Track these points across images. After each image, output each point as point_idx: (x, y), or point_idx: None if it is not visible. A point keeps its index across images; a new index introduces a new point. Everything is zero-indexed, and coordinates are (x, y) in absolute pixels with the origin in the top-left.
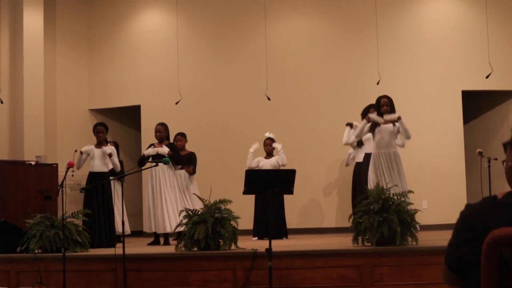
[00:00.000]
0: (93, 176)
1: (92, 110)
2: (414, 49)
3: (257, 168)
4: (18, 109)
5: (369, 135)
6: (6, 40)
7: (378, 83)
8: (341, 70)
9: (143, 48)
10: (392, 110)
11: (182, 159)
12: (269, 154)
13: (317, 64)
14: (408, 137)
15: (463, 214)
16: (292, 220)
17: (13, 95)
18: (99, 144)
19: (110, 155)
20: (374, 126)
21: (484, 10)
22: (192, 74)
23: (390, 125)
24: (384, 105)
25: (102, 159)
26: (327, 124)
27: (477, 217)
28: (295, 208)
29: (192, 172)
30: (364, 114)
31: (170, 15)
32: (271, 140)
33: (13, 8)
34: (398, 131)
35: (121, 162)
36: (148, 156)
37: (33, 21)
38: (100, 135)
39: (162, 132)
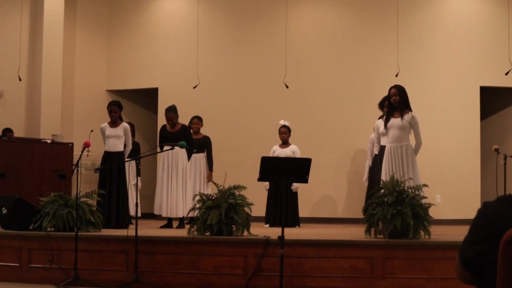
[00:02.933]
0: (108, 156)
1: (109, 91)
2: (434, 44)
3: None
4: (36, 87)
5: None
6: (27, 18)
7: (397, 76)
8: (360, 61)
9: (163, 31)
10: (402, 100)
11: (194, 147)
12: (285, 142)
13: (336, 54)
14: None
15: (480, 212)
16: (304, 209)
17: (32, 73)
18: (113, 123)
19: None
20: (386, 121)
21: (506, 7)
22: (211, 59)
23: (398, 119)
24: (393, 95)
25: (116, 139)
26: (343, 114)
27: (494, 215)
28: (308, 198)
29: (209, 165)
30: (381, 105)
31: None
32: (286, 128)
33: None
34: (410, 127)
35: (137, 143)
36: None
37: (53, 0)
38: (113, 114)
39: (174, 119)
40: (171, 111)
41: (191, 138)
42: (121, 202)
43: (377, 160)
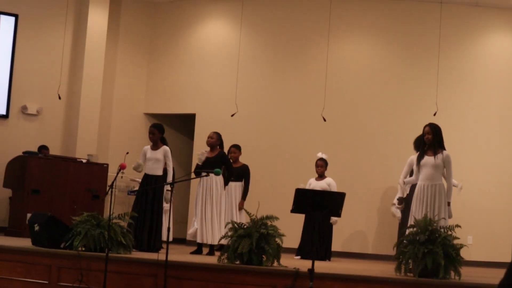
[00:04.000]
0: (146, 179)
1: (147, 114)
2: (474, 84)
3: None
4: (75, 106)
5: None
6: (69, 37)
7: (435, 115)
8: (399, 98)
9: (204, 58)
10: (435, 138)
11: (232, 173)
12: (321, 175)
13: (375, 89)
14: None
15: None
16: (335, 243)
17: (71, 92)
18: (154, 146)
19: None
20: (419, 159)
21: None
22: (251, 88)
23: (432, 158)
24: (426, 134)
25: (155, 162)
26: (378, 150)
27: None
28: (339, 232)
29: (244, 194)
30: (416, 143)
31: (234, 27)
32: (323, 161)
33: (79, 6)
34: (443, 166)
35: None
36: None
37: (97, 20)
38: (150, 136)
39: (214, 138)
40: (152, 127)
41: (230, 164)
42: (155, 225)
43: (409, 199)
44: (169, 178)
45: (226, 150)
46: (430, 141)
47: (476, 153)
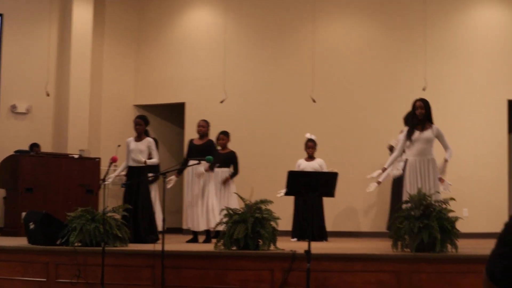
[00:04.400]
0: (132, 171)
1: (137, 106)
2: (461, 57)
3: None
4: (64, 102)
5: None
6: (55, 33)
7: (424, 90)
8: (387, 76)
9: (191, 46)
10: (427, 113)
11: (219, 161)
12: (311, 156)
13: (363, 68)
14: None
15: (507, 225)
16: (330, 223)
17: (59, 88)
18: (138, 138)
19: (145, 162)
20: (410, 134)
21: None
22: (238, 73)
23: (423, 132)
24: (418, 108)
25: (138, 153)
26: (370, 129)
27: None
28: (334, 211)
29: (232, 175)
30: (406, 120)
31: (219, 14)
32: (313, 142)
33: (63, 1)
34: (434, 140)
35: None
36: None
37: (82, 14)
38: (137, 127)
39: (205, 127)
40: (139, 118)
41: (215, 152)
42: (147, 216)
43: (400, 175)
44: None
45: (213, 137)
46: (423, 115)
47: (466, 125)
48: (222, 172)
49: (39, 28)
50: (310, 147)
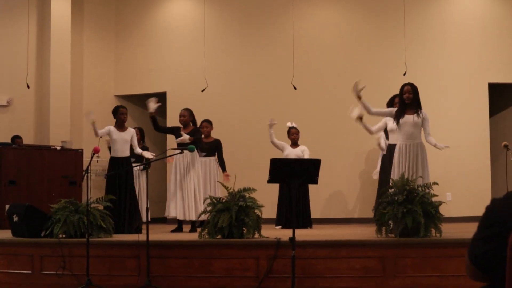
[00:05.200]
0: (115, 161)
1: (118, 96)
2: (441, 42)
3: (282, 157)
4: (45, 94)
5: (394, 126)
6: (34, 25)
7: (404, 74)
8: (368, 61)
9: (170, 35)
10: (415, 97)
11: (200, 143)
12: (295, 143)
13: (344, 54)
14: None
15: (488, 209)
16: (316, 210)
17: (40, 79)
18: (120, 128)
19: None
20: (398, 118)
21: (511, 3)
22: (219, 61)
23: (412, 116)
24: (406, 92)
25: (124, 143)
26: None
27: (502, 212)
28: (319, 198)
29: (222, 166)
30: (389, 104)
31: (198, 2)
32: (296, 129)
33: None
34: (422, 123)
35: (146, 148)
36: (159, 126)
37: (60, 5)
38: (124, 117)
39: (186, 116)
40: (186, 110)
41: (200, 140)
42: (132, 207)
43: (386, 159)
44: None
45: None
46: (411, 100)
47: (448, 109)
48: (209, 161)
49: (18, 20)
50: (294, 133)
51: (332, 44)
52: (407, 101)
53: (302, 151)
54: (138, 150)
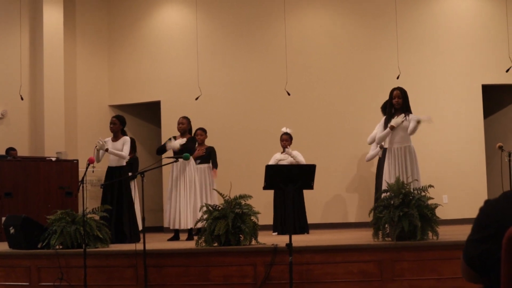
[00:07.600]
0: (111, 171)
1: (112, 106)
2: (434, 44)
3: (276, 163)
4: (39, 105)
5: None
6: (26, 36)
7: (398, 78)
8: (361, 65)
9: (163, 44)
10: (404, 102)
11: (192, 152)
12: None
13: (337, 59)
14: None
15: (482, 210)
16: (313, 215)
17: (33, 91)
18: (114, 137)
19: (107, 150)
20: (387, 123)
21: (504, 5)
22: (212, 69)
23: (404, 121)
24: (396, 97)
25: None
26: (346, 119)
27: (497, 213)
28: (316, 203)
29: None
30: (384, 108)
31: (190, 11)
32: (288, 135)
33: (33, 4)
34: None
35: (136, 159)
36: (165, 147)
37: (53, 17)
38: (111, 126)
39: (184, 124)
40: (114, 117)
41: (191, 149)
42: (129, 216)
43: (381, 163)
44: (119, 157)
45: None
46: (400, 104)
47: (442, 112)
48: (204, 168)
49: (10, 32)
50: (284, 140)
51: (325, 49)
52: (396, 106)
53: (294, 156)
54: (116, 151)
